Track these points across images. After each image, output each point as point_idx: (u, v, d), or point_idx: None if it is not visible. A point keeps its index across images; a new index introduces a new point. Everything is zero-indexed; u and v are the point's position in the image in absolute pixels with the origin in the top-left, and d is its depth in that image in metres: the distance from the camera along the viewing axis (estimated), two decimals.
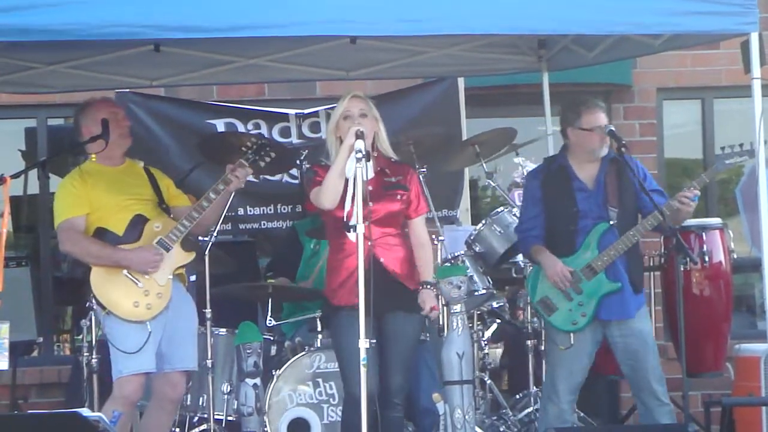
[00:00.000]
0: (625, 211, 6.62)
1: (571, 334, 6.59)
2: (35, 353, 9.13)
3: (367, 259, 5.75)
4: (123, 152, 6.65)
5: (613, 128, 6.62)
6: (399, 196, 6.25)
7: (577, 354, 6.61)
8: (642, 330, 6.63)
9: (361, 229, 5.72)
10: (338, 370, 6.31)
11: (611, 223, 6.58)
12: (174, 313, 6.44)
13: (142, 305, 6.33)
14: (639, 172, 6.66)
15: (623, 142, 6.56)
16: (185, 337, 6.54)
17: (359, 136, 5.92)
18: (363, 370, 5.68)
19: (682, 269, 6.90)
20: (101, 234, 6.44)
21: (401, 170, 6.34)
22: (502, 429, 7.54)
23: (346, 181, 5.95)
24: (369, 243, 5.87)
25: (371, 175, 5.97)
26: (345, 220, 5.90)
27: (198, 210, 6.44)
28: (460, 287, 6.49)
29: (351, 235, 5.82)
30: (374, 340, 5.86)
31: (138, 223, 6.44)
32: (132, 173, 6.67)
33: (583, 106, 6.67)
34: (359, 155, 5.83)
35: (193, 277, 7.99)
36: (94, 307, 6.43)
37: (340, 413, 6.62)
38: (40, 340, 8.64)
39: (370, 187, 5.91)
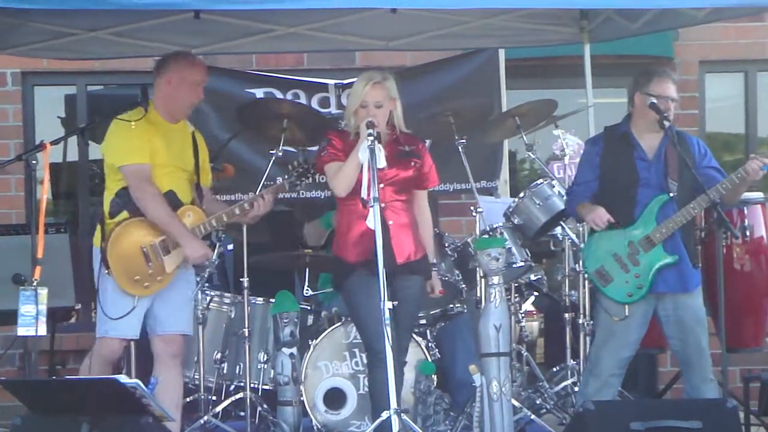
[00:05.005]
0: (684, 185, 6.55)
1: (626, 306, 6.54)
2: (73, 319, 9.15)
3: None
4: (186, 113, 6.68)
5: (655, 101, 6.56)
6: (413, 164, 6.43)
7: (628, 327, 6.54)
8: (698, 305, 6.60)
9: (377, 209, 5.94)
10: None
11: (671, 195, 6.53)
12: (169, 284, 6.49)
13: (141, 283, 6.40)
14: (698, 149, 6.66)
15: (665, 115, 6.52)
16: (179, 303, 6.56)
17: (369, 126, 6.17)
18: (388, 330, 5.82)
19: (723, 244, 6.86)
20: None
21: (413, 141, 6.52)
22: (538, 402, 7.51)
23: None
24: (382, 205, 6.04)
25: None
26: (362, 197, 6.09)
27: (219, 221, 6.54)
28: (498, 259, 6.46)
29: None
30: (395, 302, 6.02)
31: (172, 201, 6.44)
32: (183, 135, 6.66)
33: (654, 74, 6.67)
34: (370, 138, 6.09)
35: (230, 246, 8.02)
36: (100, 261, 6.45)
37: None
38: (78, 306, 8.65)
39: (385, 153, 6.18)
